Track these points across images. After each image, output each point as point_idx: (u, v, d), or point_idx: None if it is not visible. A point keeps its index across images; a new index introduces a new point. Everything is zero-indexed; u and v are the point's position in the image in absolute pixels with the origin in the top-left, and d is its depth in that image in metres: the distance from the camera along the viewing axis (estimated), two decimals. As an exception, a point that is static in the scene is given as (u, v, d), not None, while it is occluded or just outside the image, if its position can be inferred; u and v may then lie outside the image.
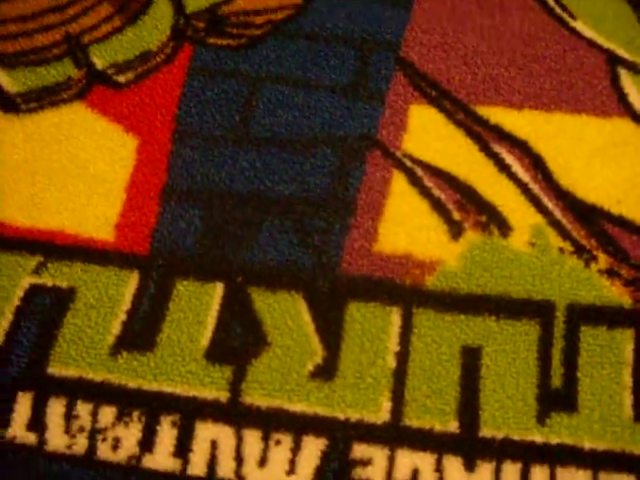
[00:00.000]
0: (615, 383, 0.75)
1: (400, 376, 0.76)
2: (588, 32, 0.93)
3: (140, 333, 0.79)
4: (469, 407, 0.74)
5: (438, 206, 0.83)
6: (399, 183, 0.85)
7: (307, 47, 0.93)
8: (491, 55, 0.92)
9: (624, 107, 0.88)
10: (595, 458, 0.72)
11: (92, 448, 0.74)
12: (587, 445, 0.73)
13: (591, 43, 0.92)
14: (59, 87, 0.92)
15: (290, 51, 0.93)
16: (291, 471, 0.73)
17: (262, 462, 0.73)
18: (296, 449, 0.74)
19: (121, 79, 0.92)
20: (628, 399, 0.74)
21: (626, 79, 0.90)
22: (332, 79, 0.91)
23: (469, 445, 0.73)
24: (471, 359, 0.76)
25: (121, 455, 0.74)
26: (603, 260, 0.80)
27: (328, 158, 0.86)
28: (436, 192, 0.84)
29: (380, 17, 0.95)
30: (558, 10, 0.94)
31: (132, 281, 0.81)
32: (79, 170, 0.87)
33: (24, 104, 0.91)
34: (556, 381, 0.75)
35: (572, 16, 0.94)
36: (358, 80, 0.91)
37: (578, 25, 0.93)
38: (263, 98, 0.90)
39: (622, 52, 0.92)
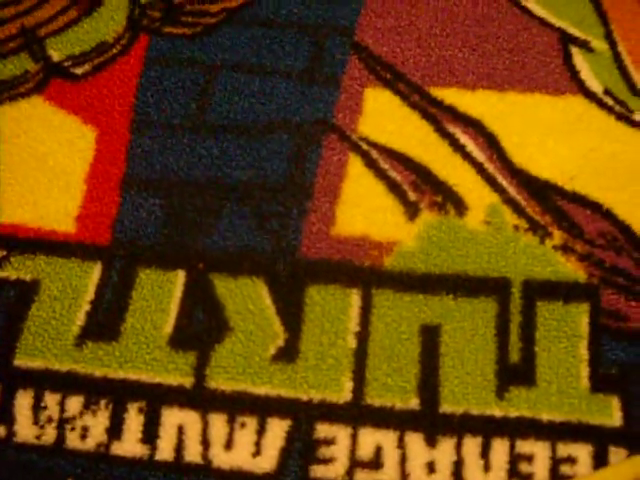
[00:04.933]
0: (572, 356, 0.77)
1: (361, 356, 0.77)
2: (540, 11, 0.94)
3: (104, 323, 0.80)
4: (429, 384, 0.76)
5: (394, 187, 0.85)
6: (355, 166, 0.86)
7: (262, 34, 0.94)
8: (444, 37, 0.93)
9: (577, 85, 0.89)
10: (553, 429, 0.74)
11: (61, 438, 0.76)
12: (545, 417, 0.74)
13: (543, 22, 0.93)
14: (17, 81, 0.92)
15: (245, 38, 0.94)
16: (257, 453, 0.74)
17: (228, 445, 0.75)
18: (261, 431, 0.75)
19: (78, 71, 0.93)
20: (584, 371, 0.76)
21: (578, 57, 0.91)
22: (287, 65, 0.92)
23: (430, 421, 0.75)
24: (430, 337, 0.78)
25: (90, 443, 0.75)
26: (558, 236, 0.82)
27: (285, 143, 0.87)
28: (392, 174, 0.85)
29: (334, 2, 0.95)
30: (510, -10, 0.96)
31: (95, 272, 0.82)
32: (39, 163, 0.88)
33: (-18, 99, 0.92)
34: (514, 356, 0.77)
35: (524, -5, 0.95)
36: (313, 65, 0.92)
37: (530, 4, 0.94)
38: (219, 85, 0.91)
39: (574, 30, 0.93)
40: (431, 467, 0.73)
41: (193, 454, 0.75)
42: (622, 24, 0.93)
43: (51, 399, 0.77)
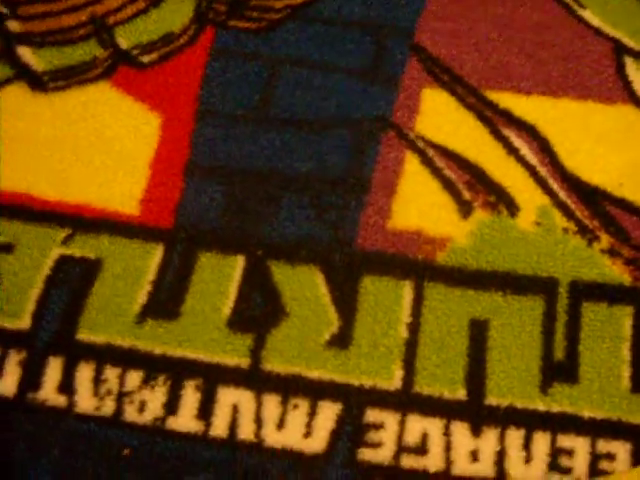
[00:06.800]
0: (614, 357, 0.79)
1: (411, 346, 0.80)
2: (595, 21, 0.96)
3: (165, 302, 0.82)
4: (476, 376, 0.78)
5: (449, 186, 0.87)
6: (412, 163, 0.88)
7: (325, 31, 0.97)
8: (501, 42, 0.95)
9: (628, 94, 0.92)
10: (594, 426, 0.76)
11: (119, 410, 0.78)
12: (586, 414, 0.76)
13: (598, 32, 0.96)
14: (85, 66, 0.95)
15: (308, 35, 0.97)
16: (308, 434, 0.77)
17: (280, 425, 0.77)
18: (312, 413, 0.78)
19: (145, 59, 0.96)
20: (626, 372, 0.78)
21: (631, 67, 0.93)
22: (349, 63, 0.95)
23: (476, 412, 0.77)
24: (479, 331, 0.80)
25: (147, 417, 0.78)
26: (605, 240, 0.84)
27: (344, 138, 0.90)
28: (447, 172, 0.88)
29: (395, 4, 0.98)
30: (567, -1, 0.98)
31: (157, 253, 0.85)
32: (105, 147, 0.91)
33: (51, 82, 0.95)
34: (559, 353, 0.79)
35: (581, 5, 0.97)
36: (374, 64, 0.94)
37: (586, 14, 0.97)
38: (282, 80, 0.94)
39: (628, 41, 0.95)
40: (475, 455, 0.75)
41: (246, 432, 0.77)
42: (675, 37, 0.95)
43: (111, 373, 0.80)
